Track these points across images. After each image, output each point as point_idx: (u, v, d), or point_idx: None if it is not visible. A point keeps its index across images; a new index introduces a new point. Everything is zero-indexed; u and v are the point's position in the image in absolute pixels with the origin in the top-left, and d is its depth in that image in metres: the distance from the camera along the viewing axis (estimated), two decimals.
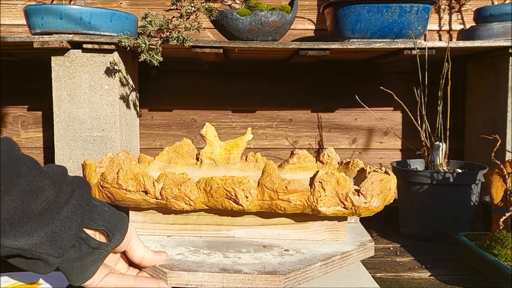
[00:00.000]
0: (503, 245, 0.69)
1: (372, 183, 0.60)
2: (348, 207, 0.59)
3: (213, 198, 0.59)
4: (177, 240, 0.65)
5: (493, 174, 0.77)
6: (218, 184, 0.59)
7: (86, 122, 1.02)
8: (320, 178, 0.59)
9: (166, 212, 0.66)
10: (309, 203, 0.59)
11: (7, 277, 0.72)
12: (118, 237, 0.50)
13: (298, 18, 1.25)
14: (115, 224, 0.50)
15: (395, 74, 1.28)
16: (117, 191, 0.60)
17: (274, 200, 0.59)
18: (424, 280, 0.73)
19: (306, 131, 1.30)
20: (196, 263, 0.56)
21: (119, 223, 0.50)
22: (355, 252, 0.63)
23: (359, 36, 1.02)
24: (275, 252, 0.60)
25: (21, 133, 1.27)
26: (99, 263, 0.49)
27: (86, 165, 0.64)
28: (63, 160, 1.02)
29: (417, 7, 1.00)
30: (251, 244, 0.64)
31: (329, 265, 0.58)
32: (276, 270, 0.54)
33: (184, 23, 0.95)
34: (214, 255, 0.59)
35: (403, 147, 1.30)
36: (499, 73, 1.08)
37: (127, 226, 0.51)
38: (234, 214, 0.65)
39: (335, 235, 0.66)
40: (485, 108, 1.14)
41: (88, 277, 0.49)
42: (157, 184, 0.60)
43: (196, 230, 0.66)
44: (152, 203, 0.61)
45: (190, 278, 0.53)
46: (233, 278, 0.53)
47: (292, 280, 0.54)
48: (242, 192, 0.58)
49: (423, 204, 0.91)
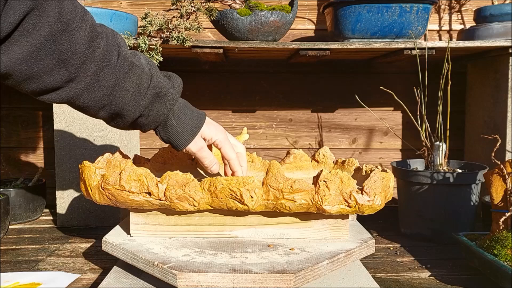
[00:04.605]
0: (503, 245, 0.69)
1: (375, 182, 0.60)
2: (352, 206, 0.59)
3: (218, 199, 0.59)
4: (180, 242, 0.65)
5: (493, 174, 0.77)
6: (223, 184, 0.59)
7: (86, 122, 1.02)
8: (325, 177, 0.59)
9: (168, 213, 0.65)
10: (314, 202, 0.59)
11: (7, 277, 0.72)
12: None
13: (298, 18, 1.26)
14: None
15: (395, 74, 1.28)
16: (119, 192, 0.60)
17: (279, 200, 0.59)
18: (424, 280, 0.73)
19: (306, 131, 1.30)
20: (204, 264, 0.56)
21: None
22: (358, 249, 0.63)
23: (359, 36, 1.03)
24: (280, 251, 0.61)
25: (21, 133, 1.26)
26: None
27: (84, 167, 0.64)
28: (63, 160, 1.02)
29: (417, 7, 1.00)
30: (255, 243, 0.64)
31: (335, 263, 0.59)
32: (285, 269, 0.54)
33: (184, 23, 0.95)
34: (221, 256, 0.59)
35: (403, 147, 1.31)
36: (499, 73, 1.08)
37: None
38: (237, 214, 0.65)
39: (337, 233, 0.66)
40: (485, 108, 1.15)
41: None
42: (161, 185, 0.60)
43: (199, 231, 0.66)
44: (156, 204, 0.61)
45: (200, 279, 0.53)
46: (244, 278, 0.53)
47: (302, 279, 0.54)
48: (247, 192, 0.58)
49: (423, 204, 0.91)
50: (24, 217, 1.07)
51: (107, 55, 0.54)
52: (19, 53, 0.45)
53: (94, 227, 1.03)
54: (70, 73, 0.50)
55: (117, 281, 0.63)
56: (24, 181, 1.15)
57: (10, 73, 0.47)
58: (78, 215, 1.04)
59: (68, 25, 0.48)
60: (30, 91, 0.51)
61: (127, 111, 0.58)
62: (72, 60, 0.50)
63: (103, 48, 0.53)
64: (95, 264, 0.80)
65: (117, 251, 0.63)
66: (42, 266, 0.79)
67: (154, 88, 0.59)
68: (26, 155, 1.28)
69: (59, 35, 0.48)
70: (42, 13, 0.45)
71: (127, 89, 0.56)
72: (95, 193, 0.62)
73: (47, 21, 0.46)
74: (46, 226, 1.05)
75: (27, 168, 1.28)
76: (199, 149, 0.65)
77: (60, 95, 0.52)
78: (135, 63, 0.58)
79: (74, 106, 0.56)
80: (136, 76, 0.57)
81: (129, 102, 0.57)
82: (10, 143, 1.27)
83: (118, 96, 0.56)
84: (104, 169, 0.65)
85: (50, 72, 0.49)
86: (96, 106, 0.56)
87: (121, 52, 0.56)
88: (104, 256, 0.82)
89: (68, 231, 1.01)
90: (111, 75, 0.54)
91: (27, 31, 0.45)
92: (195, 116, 0.65)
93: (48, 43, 0.47)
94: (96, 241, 0.93)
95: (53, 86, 0.51)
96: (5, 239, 0.95)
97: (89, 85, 0.53)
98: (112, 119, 0.60)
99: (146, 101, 0.59)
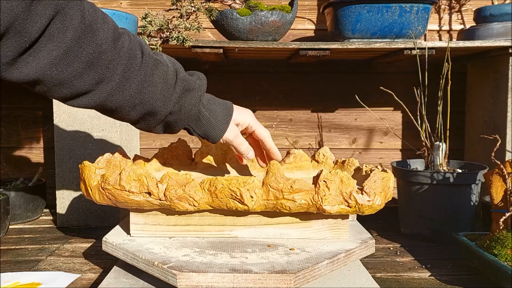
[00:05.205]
0: (503, 245, 0.69)
1: (375, 182, 0.60)
2: (352, 206, 0.59)
3: (218, 199, 0.59)
4: (180, 242, 0.65)
5: (493, 174, 0.77)
6: (223, 184, 0.59)
7: (86, 122, 1.02)
8: (325, 177, 0.59)
9: (168, 213, 0.65)
10: (314, 202, 0.59)
11: (7, 277, 0.72)
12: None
13: (298, 18, 1.26)
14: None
15: (395, 74, 1.28)
16: (119, 192, 0.60)
17: (279, 200, 0.59)
18: (424, 280, 0.73)
19: (306, 131, 1.30)
20: (204, 264, 0.56)
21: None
22: (358, 249, 0.63)
23: (359, 36, 1.03)
24: (280, 251, 0.61)
25: (21, 133, 1.26)
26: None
27: (85, 167, 0.64)
28: (63, 160, 1.02)
29: (417, 7, 1.00)
30: (255, 243, 0.64)
31: (335, 263, 0.59)
32: (285, 269, 0.54)
33: (184, 23, 0.95)
34: (221, 256, 0.59)
35: (403, 147, 1.31)
36: (499, 73, 1.08)
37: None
38: (237, 214, 0.65)
39: (337, 233, 0.66)
40: (485, 108, 1.15)
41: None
42: (161, 185, 0.60)
43: (199, 231, 0.66)
44: (156, 204, 0.61)
45: (200, 279, 0.53)
46: (244, 278, 0.53)
47: (302, 279, 0.54)
48: (247, 192, 0.58)
49: (423, 204, 0.91)
50: (24, 217, 1.07)
51: (132, 53, 0.54)
52: (48, 58, 0.46)
53: (94, 227, 1.03)
54: (99, 74, 0.51)
55: (117, 281, 0.63)
56: (24, 181, 1.15)
57: (41, 78, 0.48)
58: (78, 215, 1.04)
59: (91, 27, 0.49)
60: (62, 96, 0.52)
61: (158, 107, 0.58)
62: (99, 61, 0.50)
63: (127, 46, 0.54)
64: (95, 264, 0.80)
65: (117, 251, 0.63)
66: (42, 266, 0.79)
67: (182, 82, 0.60)
68: (26, 155, 1.28)
69: (84, 37, 0.49)
70: (66, 17, 0.46)
71: (156, 85, 0.57)
72: (95, 193, 0.62)
73: (71, 24, 0.47)
74: (46, 226, 1.05)
75: (27, 168, 1.28)
76: (235, 136, 0.66)
77: (92, 98, 0.53)
78: (159, 59, 0.58)
79: (105, 109, 0.56)
80: (162, 72, 0.58)
81: (159, 98, 0.57)
82: (10, 143, 1.27)
83: (148, 93, 0.56)
84: (104, 169, 0.65)
85: (80, 75, 0.50)
86: (127, 106, 0.56)
87: (144, 50, 0.57)
88: (104, 256, 0.82)
89: (68, 231, 1.01)
90: (138, 72, 0.55)
91: (53, 36, 0.46)
92: (223, 104, 0.65)
93: (75, 46, 0.48)
94: (96, 241, 0.93)
95: (84, 89, 0.51)
96: (5, 239, 0.95)
97: (119, 84, 0.54)
98: (143, 118, 0.59)
99: (176, 95, 0.59)
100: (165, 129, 0.63)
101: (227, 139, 0.65)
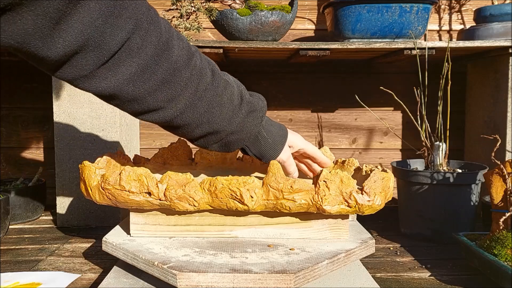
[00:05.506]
0: (503, 245, 0.69)
1: (375, 182, 0.60)
2: (352, 206, 0.59)
3: (218, 199, 0.59)
4: (180, 242, 0.65)
5: (493, 174, 0.77)
6: (223, 184, 0.59)
7: (86, 122, 1.02)
8: (325, 177, 0.59)
9: (168, 213, 0.65)
10: (314, 202, 0.59)
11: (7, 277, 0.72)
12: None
13: (298, 18, 1.26)
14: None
15: (395, 74, 1.28)
16: (119, 193, 0.60)
17: (279, 200, 0.59)
18: (424, 280, 0.73)
19: (306, 131, 1.30)
20: (204, 264, 0.56)
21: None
22: (358, 249, 0.63)
23: (359, 36, 1.03)
24: (280, 251, 0.61)
25: (21, 133, 1.26)
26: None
27: (84, 167, 0.64)
28: (63, 160, 1.02)
29: (417, 7, 1.00)
30: (255, 243, 0.64)
31: (335, 263, 0.59)
32: (285, 269, 0.54)
33: (184, 23, 0.95)
34: (221, 256, 0.59)
35: (403, 147, 1.31)
36: (499, 73, 1.08)
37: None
38: (237, 214, 0.65)
39: (337, 233, 0.66)
40: (485, 108, 1.15)
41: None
42: (161, 185, 0.60)
43: (199, 231, 0.66)
44: (156, 204, 0.61)
45: (200, 279, 0.53)
46: (244, 278, 0.53)
47: (302, 279, 0.54)
48: (247, 192, 0.58)
49: (423, 204, 0.91)
50: (24, 217, 1.07)
51: (203, 72, 0.54)
52: (126, 73, 0.46)
53: (94, 227, 1.03)
54: (172, 92, 0.51)
55: (117, 281, 0.63)
56: (24, 181, 1.15)
57: (117, 94, 0.47)
58: (78, 215, 1.04)
59: (168, 44, 0.49)
60: (132, 111, 0.52)
61: (223, 127, 0.58)
62: (174, 79, 0.50)
63: (199, 65, 0.54)
64: (95, 264, 0.80)
65: (117, 251, 0.63)
66: (42, 266, 0.79)
67: (247, 104, 0.60)
68: (26, 155, 1.28)
69: (162, 54, 0.48)
70: (146, 32, 0.46)
71: (224, 106, 0.57)
72: (95, 193, 0.62)
73: (151, 40, 0.46)
74: (46, 226, 1.05)
75: (27, 168, 1.28)
76: (288, 157, 0.67)
77: (163, 115, 0.53)
78: (228, 80, 0.59)
79: (171, 126, 0.56)
80: (230, 93, 0.58)
81: (225, 118, 0.58)
82: (10, 143, 1.27)
83: (216, 113, 0.56)
84: (104, 169, 0.65)
85: (153, 92, 0.49)
86: (194, 123, 0.56)
87: (214, 70, 0.57)
88: (104, 256, 0.82)
89: (68, 231, 1.01)
90: (209, 92, 0.55)
91: (132, 51, 0.45)
92: (279, 126, 0.67)
93: (153, 63, 0.47)
94: (96, 241, 0.93)
95: (156, 106, 0.51)
96: (5, 239, 0.95)
97: (191, 103, 0.53)
98: (204, 136, 0.59)
99: (241, 116, 0.59)
100: (223, 148, 0.63)
101: (280, 159, 0.66)
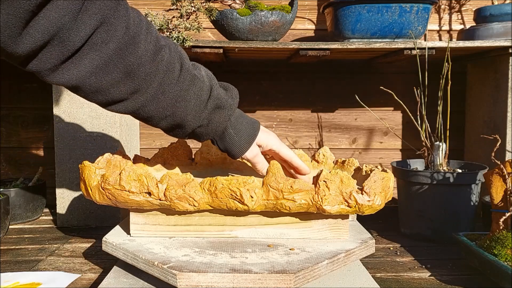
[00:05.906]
0: (503, 245, 0.69)
1: (375, 182, 0.60)
2: (352, 206, 0.59)
3: (218, 199, 0.59)
4: (180, 242, 0.65)
5: (493, 174, 0.77)
6: (223, 184, 0.59)
7: (86, 122, 1.02)
8: (325, 177, 0.59)
9: (168, 213, 0.65)
10: (314, 202, 0.59)
11: (7, 277, 0.72)
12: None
13: (298, 18, 1.26)
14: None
15: (395, 74, 1.28)
16: (119, 193, 0.60)
17: (279, 200, 0.59)
18: (424, 280, 0.73)
19: (306, 131, 1.30)
20: (204, 264, 0.56)
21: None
22: (358, 249, 0.63)
23: (359, 36, 1.03)
24: (280, 251, 0.61)
25: (21, 133, 1.26)
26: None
27: (85, 167, 0.64)
28: (63, 160, 1.02)
29: (417, 7, 1.00)
30: (255, 243, 0.64)
31: (335, 263, 0.59)
32: (285, 269, 0.54)
33: (184, 23, 0.95)
34: (221, 256, 0.59)
35: (403, 147, 1.31)
36: (499, 73, 1.08)
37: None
38: (237, 214, 0.65)
39: (337, 233, 0.66)
40: (485, 108, 1.15)
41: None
42: (161, 185, 0.60)
43: (199, 231, 0.66)
44: (156, 204, 0.61)
45: (200, 279, 0.53)
46: (244, 278, 0.53)
47: (302, 279, 0.54)
48: (247, 192, 0.58)
49: (423, 204, 0.91)
50: (24, 217, 1.07)
51: (170, 67, 0.55)
52: (89, 66, 0.47)
53: (94, 227, 1.03)
54: (135, 85, 0.52)
55: (117, 281, 0.63)
56: (24, 181, 1.15)
57: (80, 85, 0.49)
58: (78, 215, 1.04)
59: (134, 39, 0.50)
60: (97, 102, 0.53)
61: (188, 122, 0.59)
62: (137, 73, 0.51)
63: (166, 60, 0.54)
64: (95, 264, 0.80)
65: (117, 251, 0.63)
66: (42, 266, 0.79)
67: (214, 100, 0.60)
68: (26, 155, 1.28)
69: (126, 48, 0.49)
70: (111, 27, 0.47)
71: (189, 101, 0.58)
72: (95, 193, 0.62)
73: (115, 35, 0.47)
74: (46, 226, 1.05)
75: (27, 168, 1.28)
76: (254, 156, 0.68)
77: (126, 106, 0.54)
78: (197, 75, 0.59)
79: (137, 117, 0.58)
80: (198, 88, 0.58)
81: (190, 113, 0.58)
82: (10, 143, 1.27)
83: (180, 107, 0.57)
84: (104, 169, 0.65)
85: (116, 84, 0.51)
86: (158, 117, 0.57)
87: (183, 64, 0.57)
88: (104, 256, 0.82)
89: (68, 231, 1.01)
90: (174, 87, 0.56)
91: (96, 45, 0.46)
92: (251, 124, 0.67)
93: (116, 57, 0.48)
94: (96, 241, 0.93)
95: (119, 98, 0.52)
96: (5, 239, 0.95)
97: (154, 96, 0.54)
98: (171, 129, 0.61)
99: (206, 112, 0.60)
100: (192, 138, 0.65)
101: (246, 157, 0.67)
